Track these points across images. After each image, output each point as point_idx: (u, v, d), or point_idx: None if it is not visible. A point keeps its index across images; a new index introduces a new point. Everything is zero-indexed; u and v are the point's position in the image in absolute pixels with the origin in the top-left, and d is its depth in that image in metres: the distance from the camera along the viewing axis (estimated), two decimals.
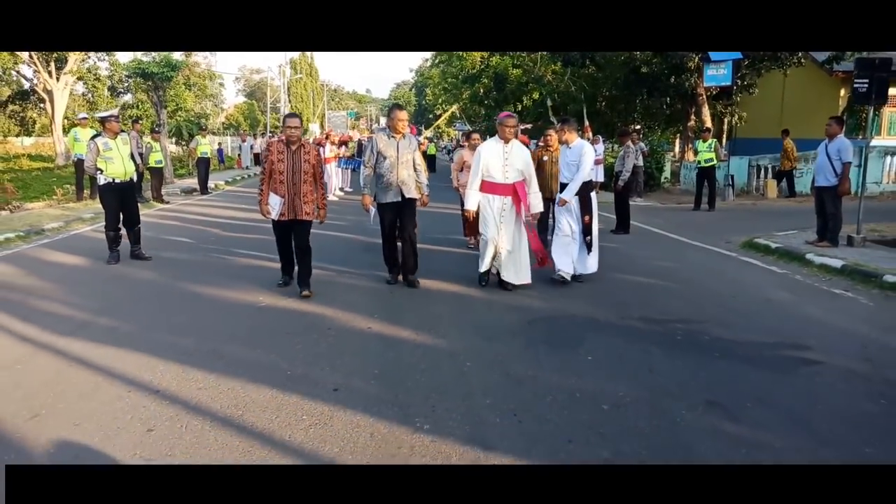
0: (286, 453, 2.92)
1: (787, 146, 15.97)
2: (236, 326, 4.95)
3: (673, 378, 3.98)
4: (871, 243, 8.93)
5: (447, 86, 41.71)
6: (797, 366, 4.28)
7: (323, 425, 3.20)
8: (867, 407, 3.63)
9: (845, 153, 8.30)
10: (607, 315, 5.41)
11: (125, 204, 7.61)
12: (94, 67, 39.65)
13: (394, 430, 3.16)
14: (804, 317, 5.58)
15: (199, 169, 17.42)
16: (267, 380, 3.80)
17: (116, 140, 7.46)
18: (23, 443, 3.05)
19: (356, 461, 2.85)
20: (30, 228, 9.50)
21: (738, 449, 3.08)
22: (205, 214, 12.49)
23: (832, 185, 8.42)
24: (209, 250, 8.37)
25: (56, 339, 4.62)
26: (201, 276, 6.74)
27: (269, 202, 5.85)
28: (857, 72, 8.42)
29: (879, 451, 3.08)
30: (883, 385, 3.96)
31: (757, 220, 12.20)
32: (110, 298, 5.87)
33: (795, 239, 9.16)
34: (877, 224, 11.20)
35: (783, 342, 4.79)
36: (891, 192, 16.60)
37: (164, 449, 2.97)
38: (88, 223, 10.77)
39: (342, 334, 4.79)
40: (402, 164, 6.14)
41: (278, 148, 5.84)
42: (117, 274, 6.94)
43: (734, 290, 6.57)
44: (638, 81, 20.06)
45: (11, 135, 47.22)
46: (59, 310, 5.43)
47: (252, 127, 59.49)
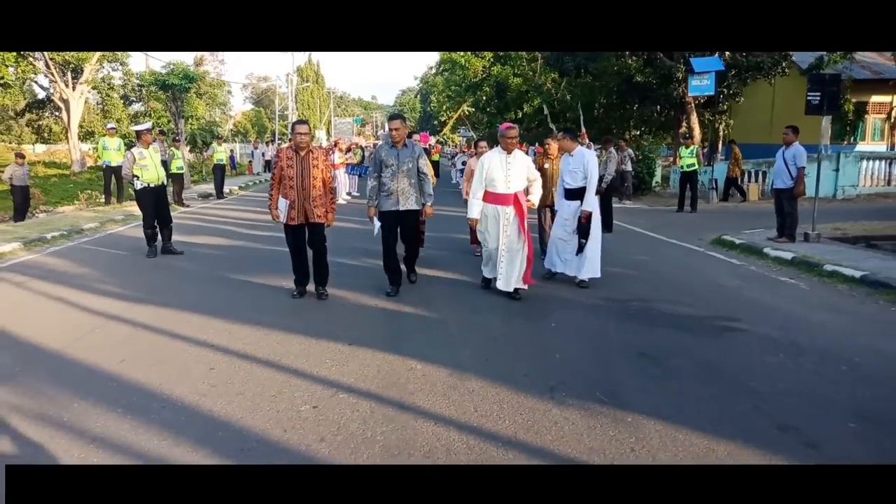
0: (315, 383, 3.95)
1: (736, 154, 16.99)
2: (267, 303, 5.98)
3: (617, 339, 4.99)
4: (830, 240, 9.91)
5: (451, 93, 42.90)
6: (723, 332, 5.28)
7: (342, 364, 4.25)
8: (767, 359, 4.62)
9: (800, 159, 9.30)
10: (577, 296, 6.42)
11: (159, 206, 8.66)
12: (108, 77, 40.83)
13: (394, 368, 4.19)
14: (745, 298, 6.57)
15: (215, 175, 18.54)
16: (296, 338, 4.84)
17: (150, 150, 8.51)
18: (118, 380, 4.09)
19: (367, 388, 3.88)
20: (71, 228, 10.60)
21: (655, 381, 4.10)
22: (224, 216, 13.58)
23: (788, 187, 9.41)
24: (233, 246, 9.43)
25: (120, 311, 5.67)
26: (231, 267, 7.79)
27: (279, 206, 6.07)
28: (810, 86, 9.42)
29: (763, 387, 4.07)
30: (788, 346, 4.95)
31: (733, 220, 13.14)
32: (157, 282, 6.92)
33: (759, 236, 10.14)
34: (843, 223, 12.12)
35: (719, 315, 5.78)
36: (867, 195, 17.50)
37: (225, 379, 4.01)
38: (121, 224, 11.87)
39: (354, 308, 5.83)
40: (403, 173, 6.19)
41: (287, 154, 6.02)
42: (158, 264, 8.00)
43: (692, 277, 7.58)
44: (630, 90, 21.07)
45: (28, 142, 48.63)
46: (117, 291, 6.48)
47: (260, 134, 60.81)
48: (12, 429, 3.32)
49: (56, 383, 3.95)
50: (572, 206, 6.96)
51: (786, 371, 4.37)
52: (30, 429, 3.32)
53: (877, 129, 22.73)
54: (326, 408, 3.60)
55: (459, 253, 9.02)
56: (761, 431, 3.39)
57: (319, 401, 3.69)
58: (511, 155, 6.28)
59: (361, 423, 3.39)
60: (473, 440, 3.22)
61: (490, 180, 6.27)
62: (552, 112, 27.63)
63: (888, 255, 8.66)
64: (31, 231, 10.06)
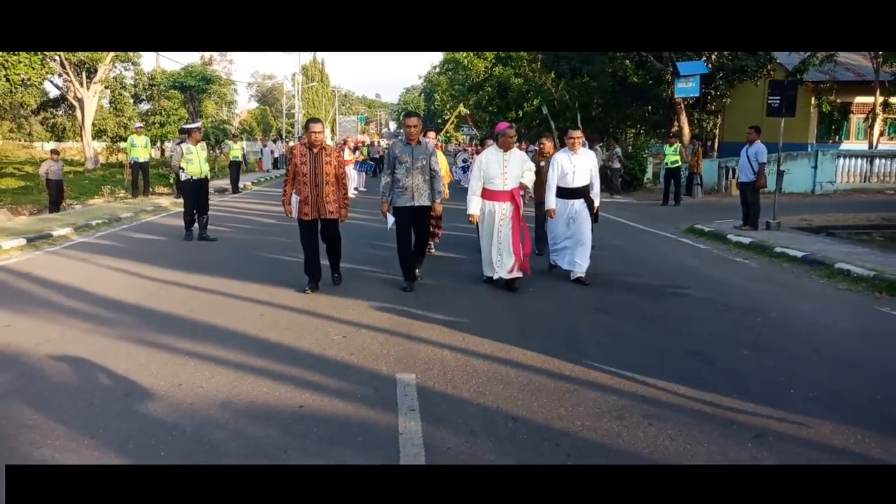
0: (342, 323, 5.15)
1: (698, 151, 18.20)
2: (297, 275, 7.16)
3: (581, 300, 6.18)
4: (792, 229, 11.08)
5: (454, 93, 44.08)
6: (670, 296, 6.47)
7: (362, 313, 5.46)
8: (698, 314, 5.80)
9: (761, 156, 10.47)
10: (557, 272, 7.60)
11: (200, 196, 9.79)
12: (121, 76, 42.01)
13: (403, 316, 5.40)
14: (699, 273, 7.76)
15: (231, 171, 19.78)
16: (324, 297, 6.06)
17: (197, 146, 9.66)
18: (192, 321, 5.28)
19: (383, 326, 5.08)
20: (110, 217, 11.83)
21: (604, 326, 5.28)
22: (243, 208, 14.81)
23: (751, 181, 10.58)
24: (258, 234, 10.64)
25: (176, 279, 6.88)
26: (260, 248, 9.00)
27: (292, 202, 6.33)
28: (770, 91, 10.58)
29: (687, 331, 5.25)
30: (720, 305, 6.13)
31: (712, 212, 14.28)
32: (200, 258, 8.13)
33: (728, 225, 11.31)
34: (811, 215, 13.29)
35: (671, 285, 6.96)
36: (844, 191, 18.62)
37: (273, 322, 5.22)
38: (152, 214, 13.11)
39: (370, 279, 7.03)
40: (417, 170, 6.35)
41: (301, 151, 6.23)
42: (196, 246, 9.22)
43: (659, 258, 8.77)
44: (624, 91, 22.21)
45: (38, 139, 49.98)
46: (168, 264, 7.68)
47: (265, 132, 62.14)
48: (127, 350, 4.52)
49: (146, 325, 5.16)
50: (576, 205, 7.02)
51: (710, 321, 5.56)
52: (141, 351, 4.52)
53: (860, 128, 23.80)
54: (353, 337, 4.82)
55: (464, 246, 10.22)
56: (675, 355, 4.58)
57: (347, 333, 4.91)
58: (508, 153, 6.51)
59: (379, 346, 4.60)
60: (461, 356, 4.42)
61: (487, 177, 6.51)
62: (552, 111, 28.77)
63: (835, 241, 9.85)
64: (76, 219, 11.29)
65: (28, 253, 8.45)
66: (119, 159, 33.31)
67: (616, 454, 3.09)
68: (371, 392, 3.80)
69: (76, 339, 4.77)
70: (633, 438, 3.24)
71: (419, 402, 3.63)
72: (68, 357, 4.39)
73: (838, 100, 22.46)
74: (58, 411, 3.50)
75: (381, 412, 3.51)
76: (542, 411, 3.56)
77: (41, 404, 3.59)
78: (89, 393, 3.78)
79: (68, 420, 3.40)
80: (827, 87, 21.80)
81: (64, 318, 5.36)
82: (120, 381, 3.96)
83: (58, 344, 4.65)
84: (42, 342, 4.68)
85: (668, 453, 3.10)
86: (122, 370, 4.13)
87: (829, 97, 22.00)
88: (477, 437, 3.22)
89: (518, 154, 6.64)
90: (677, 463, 3.00)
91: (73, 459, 3.00)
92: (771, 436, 3.30)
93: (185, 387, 3.86)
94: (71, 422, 3.38)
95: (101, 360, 4.30)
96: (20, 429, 3.29)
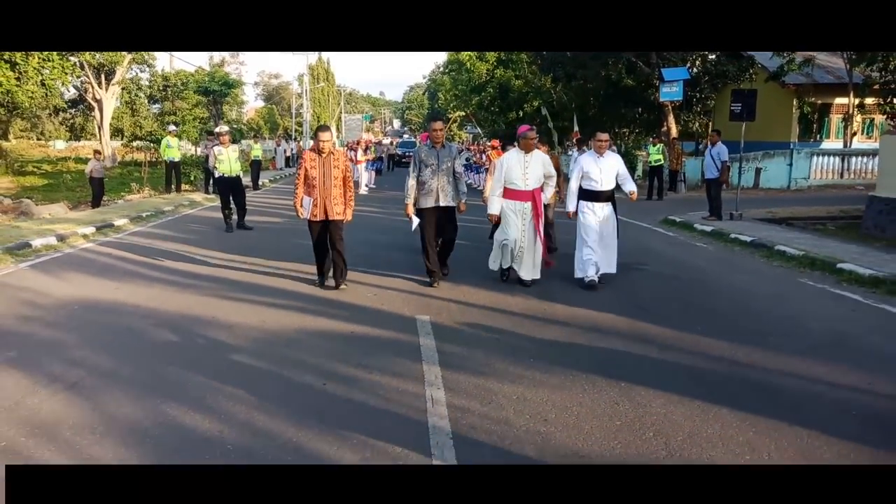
0: (372, 286, 6.73)
1: (677, 150, 19.77)
2: None
3: (558, 273, 7.76)
4: (754, 220, 12.62)
5: (457, 92, 45.76)
6: (631, 270, 8.03)
7: (388, 280, 7.06)
8: (650, 282, 7.38)
9: (723, 155, 12.04)
10: None
11: (234, 192, 11.36)
12: (137, 78, 43.59)
13: (418, 285, 6.98)
14: (663, 255, 9.33)
15: (252, 169, 21.41)
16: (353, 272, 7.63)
17: (227, 148, 11.23)
18: (262, 284, 6.87)
19: (403, 289, 6.67)
20: (155, 210, 13.47)
21: (575, 290, 6.87)
22: (267, 203, 16.43)
23: (715, 177, 12.16)
24: (285, 223, 12.26)
25: (231, 257, 8.47)
26: (292, 237, 10.61)
27: (303, 203, 6.60)
28: (733, 98, 12.15)
29: (638, 292, 6.83)
30: (671, 277, 7.70)
31: (690, 206, 15.73)
32: (244, 244, 9.73)
33: (697, 216, 12.88)
34: (777, 208, 14.79)
35: (635, 262, 8.51)
36: (817, 186, 20.14)
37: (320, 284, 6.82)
38: (189, 208, 14.77)
39: (383, 259, 8.64)
40: (442, 172, 6.60)
41: (311, 156, 6.51)
42: (238, 234, 10.83)
43: (630, 243, 10.30)
44: (616, 94, 23.79)
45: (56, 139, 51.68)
46: (219, 247, 9.28)
47: (272, 131, 63.82)
48: (217, 303, 6.12)
49: (224, 288, 6.77)
50: (605, 209, 7.04)
51: (660, 288, 7.15)
52: (227, 303, 6.12)
53: (840, 128, 25.30)
54: (381, 294, 6.46)
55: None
56: (625, 307, 6.15)
57: (378, 292, 6.55)
58: (529, 154, 6.72)
59: (401, 302, 6.22)
60: (462, 305, 6.03)
61: (509, 179, 6.71)
62: (551, 112, 30.34)
63: (789, 230, 11.41)
64: (128, 211, 12.93)
65: (101, 237, 10.10)
66: (135, 158, 34.82)
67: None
68: (399, 325, 5.43)
69: (172, 296, 6.38)
70: (575, 337, 4.85)
71: (433, 330, 5.25)
72: (172, 307, 6.01)
73: (819, 101, 23.90)
74: (175, 336, 5.12)
75: (407, 336, 5.13)
76: (519, 329, 5.18)
77: (158, 335, 5.22)
78: (196, 327, 5.40)
79: (186, 345, 5.02)
80: (807, 89, 23.25)
81: (155, 283, 6.97)
82: (219, 323, 5.57)
83: (159, 300, 6.27)
84: (147, 299, 6.29)
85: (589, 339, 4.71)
86: (222, 315, 5.74)
87: (810, 98, 23.46)
88: (472, 347, 4.84)
89: (539, 155, 6.84)
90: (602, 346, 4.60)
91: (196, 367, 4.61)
92: (669, 346, 4.89)
93: (269, 322, 5.48)
94: (190, 349, 5.00)
95: (200, 309, 5.92)
96: (154, 345, 4.92)
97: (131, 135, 37.21)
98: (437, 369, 4.37)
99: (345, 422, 3.57)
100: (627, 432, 3.48)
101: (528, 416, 3.67)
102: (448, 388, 4.04)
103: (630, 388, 4.08)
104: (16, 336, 5.07)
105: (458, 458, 3.16)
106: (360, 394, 3.97)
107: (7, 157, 31.56)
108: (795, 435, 3.45)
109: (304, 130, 47.03)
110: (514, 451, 3.26)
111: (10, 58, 19.88)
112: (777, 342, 5.09)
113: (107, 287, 6.79)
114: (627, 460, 3.19)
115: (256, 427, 3.50)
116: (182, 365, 4.48)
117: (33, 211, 13.96)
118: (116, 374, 4.31)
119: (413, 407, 3.78)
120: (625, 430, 3.50)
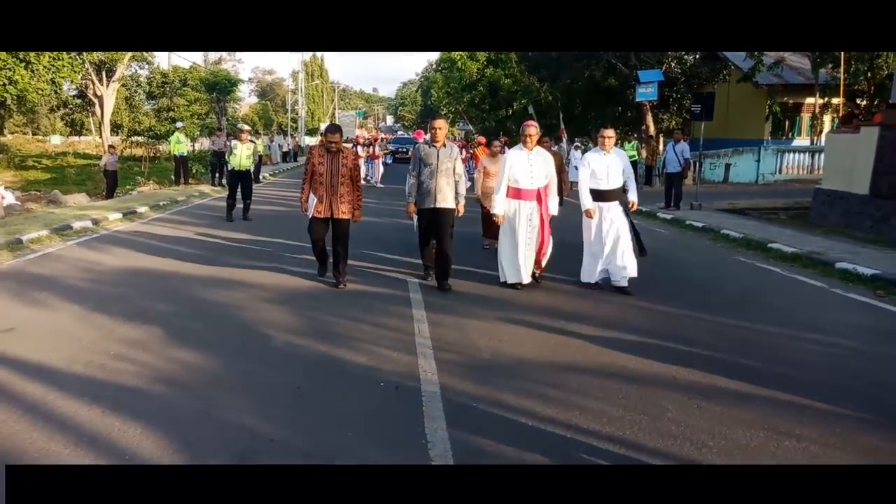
0: (382, 262, 8.05)
1: (652, 147, 21.24)
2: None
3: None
4: (714, 210, 14.00)
5: (449, 90, 47.04)
6: None
7: (395, 256, 8.38)
8: None
9: (686, 152, 13.44)
10: None
11: (242, 185, 12.55)
12: (136, 75, 44.48)
13: (410, 259, 8.31)
14: None
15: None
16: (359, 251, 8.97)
17: (243, 144, 12.44)
18: (277, 257, 8.17)
19: (397, 260, 8.00)
20: (170, 199, 14.73)
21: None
22: (268, 195, 17.70)
23: (677, 171, 13.54)
24: (287, 212, 13.54)
25: (239, 240, 9.77)
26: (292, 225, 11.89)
27: (308, 201, 6.61)
28: (693, 100, 13.53)
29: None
30: None
31: (660, 199, 17.16)
32: (250, 229, 10.99)
33: (659, 206, 14.25)
34: (739, 201, 16.13)
35: None
36: (784, 181, 21.54)
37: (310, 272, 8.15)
38: (199, 198, 16.06)
39: (386, 241, 9.97)
40: (442, 172, 6.44)
41: (319, 152, 6.52)
42: (238, 225, 12.12)
43: None
44: (598, 93, 25.14)
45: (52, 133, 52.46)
46: (232, 230, 10.57)
47: (266, 126, 64.87)
48: (242, 273, 7.42)
49: (251, 257, 8.07)
50: (612, 208, 6.77)
51: None
52: (255, 273, 7.42)
53: (811, 127, 26.76)
54: (378, 265, 7.78)
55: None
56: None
57: (373, 265, 7.88)
58: (533, 151, 6.55)
59: (394, 268, 7.56)
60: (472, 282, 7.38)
61: (514, 177, 6.53)
62: (538, 110, 31.64)
63: (743, 218, 12.80)
64: (147, 201, 14.19)
65: (128, 223, 11.37)
66: (133, 153, 35.86)
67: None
68: (393, 283, 6.80)
69: (202, 266, 7.66)
70: (537, 297, 6.19)
71: (420, 287, 6.62)
72: (203, 273, 7.31)
73: (790, 101, 25.32)
74: (212, 293, 6.45)
75: (399, 291, 6.50)
76: (486, 292, 6.55)
77: (198, 292, 6.54)
78: (228, 287, 6.71)
79: (221, 301, 6.35)
80: (778, 90, 24.65)
81: (185, 256, 8.23)
82: (247, 283, 6.87)
83: (192, 268, 7.55)
84: (182, 268, 7.57)
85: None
86: (248, 279, 7.05)
87: (781, 98, 24.87)
88: (450, 300, 6.19)
89: (542, 152, 6.70)
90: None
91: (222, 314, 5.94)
92: (610, 301, 6.24)
93: (288, 283, 6.82)
94: (225, 303, 6.33)
95: (228, 274, 7.23)
96: (196, 300, 6.24)
97: (130, 130, 38.20)
98: (423, 312, 5.73)
99: (354, 341, 4.93)
100: (554, 351, 4.85)
101: (489, 338, 5.04)
102: (431, 323, 5.40)
103: (567, 324, 5.45)
104: (89, 291, 6.39)
105: (436, 359, 4.51)
106: (364, 325, 5.34)
107: (8, 152, 32.59)
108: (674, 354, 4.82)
109: (298, 126, 48.13)
110: (475, 355, 4.65)
111: (24, 57, 20.98)
112: (698, 299, 6.49)
113: (148, 259, 8.08)
114: (547, 367, 4.55)
115: (289, 344, 4.84)
116: (220, 311, 5.82)
117: (61, 200, 15.21)
118: (177, 313, 5.64)
119: (404, 331, 5.17)
120: (555, 348, 4.87)
